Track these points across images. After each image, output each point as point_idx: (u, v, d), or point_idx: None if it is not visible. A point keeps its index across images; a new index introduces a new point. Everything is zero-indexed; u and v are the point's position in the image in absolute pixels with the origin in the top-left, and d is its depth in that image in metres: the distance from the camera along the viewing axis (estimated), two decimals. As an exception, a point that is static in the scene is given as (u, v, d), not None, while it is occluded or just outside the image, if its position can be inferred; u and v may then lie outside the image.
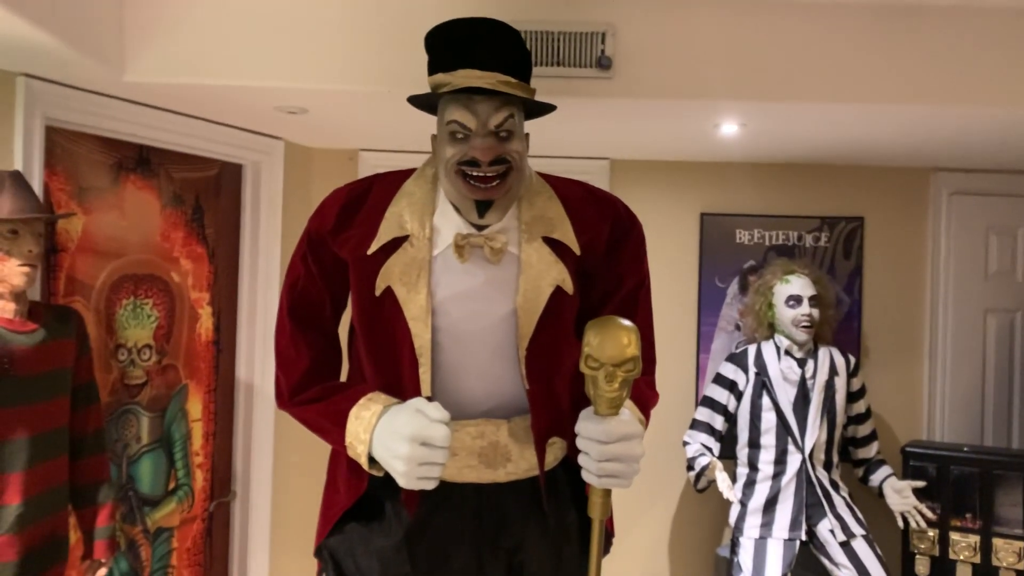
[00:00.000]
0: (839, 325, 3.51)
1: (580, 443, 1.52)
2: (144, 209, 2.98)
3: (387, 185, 1.71)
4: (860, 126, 2.92)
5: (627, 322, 1.48)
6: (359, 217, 1.67)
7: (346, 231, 1.67)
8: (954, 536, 3.20)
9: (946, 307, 3.67)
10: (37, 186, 2.49)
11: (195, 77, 2.54)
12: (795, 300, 3.15)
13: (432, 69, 1.61)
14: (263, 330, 3.35)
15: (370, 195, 1.70)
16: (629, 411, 1.56)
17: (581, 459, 1.52)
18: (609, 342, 1.45)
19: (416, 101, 1.65)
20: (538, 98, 1.65)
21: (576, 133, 3.13)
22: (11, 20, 2.00)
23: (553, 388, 1.68)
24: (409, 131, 3.03)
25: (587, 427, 1.50)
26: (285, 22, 2.53)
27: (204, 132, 3.07)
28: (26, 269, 2.12)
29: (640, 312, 1.76)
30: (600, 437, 1.48)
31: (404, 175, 1.73)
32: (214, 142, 3.14)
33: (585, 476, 1.53)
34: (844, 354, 3.28)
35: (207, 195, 3.22)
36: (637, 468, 1.51)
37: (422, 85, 1.63)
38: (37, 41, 2.16)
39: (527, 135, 1.67)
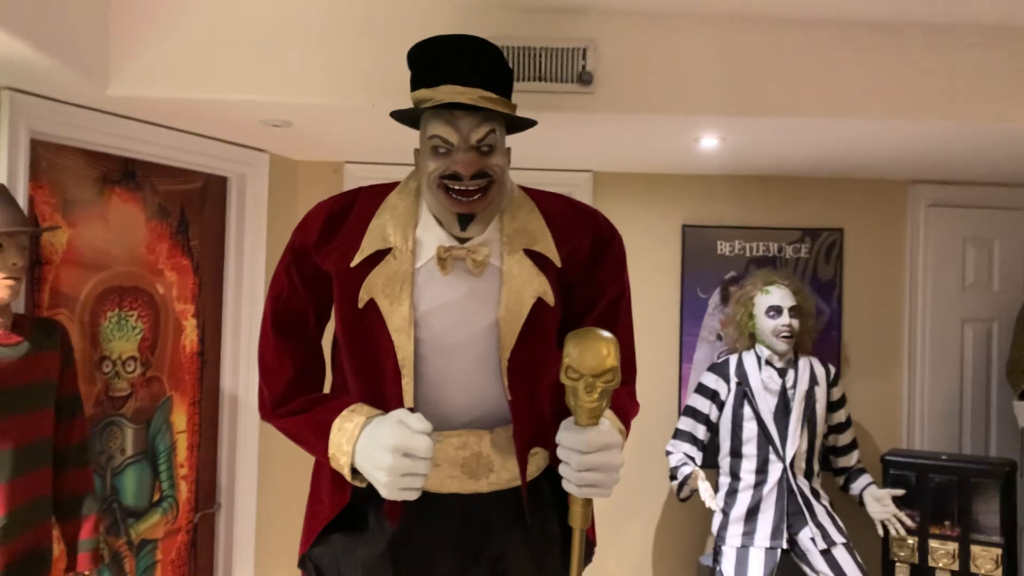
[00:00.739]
0: (819, 335, 3.55)
1: (560, 453, 1.54)
2: (129, 221, 2.98)
3: (371, 198, 1.73)
4: (838, 140, 2.96)
5: (606, 333, 1.51)
6: (343, 230, 1.69)
7: (330, 243, 1.69)
8: (933, 543, 3.24)
9: (924, 317, 3.72)
10: (22, 199, 2.49)
11: (180, 91, 2.55)
12: (775, 311, 3.19)
13: (415, 85, 1.64)
14: (248, 342, 3.35)
15: (354, 208, 1.72)
16: (609, 421, 1.58)
17: (562, 469, 1.55)
18: (589, 353, 1.47)
19: (399, 116, 1.68)
20: (521, 113, 1.68)
21: (559, 146, 3.16)
22: (-4, 34, 2.01)
23: (535, 399, 1.70)
24: (394, 143, 3.06)
25: (567, 437, 1.52)
26: (269, 36, 2.56)
27: (189, 145, 3.08)
28: (10, 282, 2.12)
29: (621, 323, 1.78)
30: (580, 447, 1.50)
31: (388, 188, 1.75)
32: (199, 155, 3.15)
33: (566, 486, 1.55)
34: (824, 364, 3.31)
35: (192, 207, 3.23)
36: (617, 477, 1.54)
37: (406, 98, 1.66)
38: (21, 55, 2.17)
39: (508, 149, 1.70)
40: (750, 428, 3.17)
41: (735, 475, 3.20)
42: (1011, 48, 2.66)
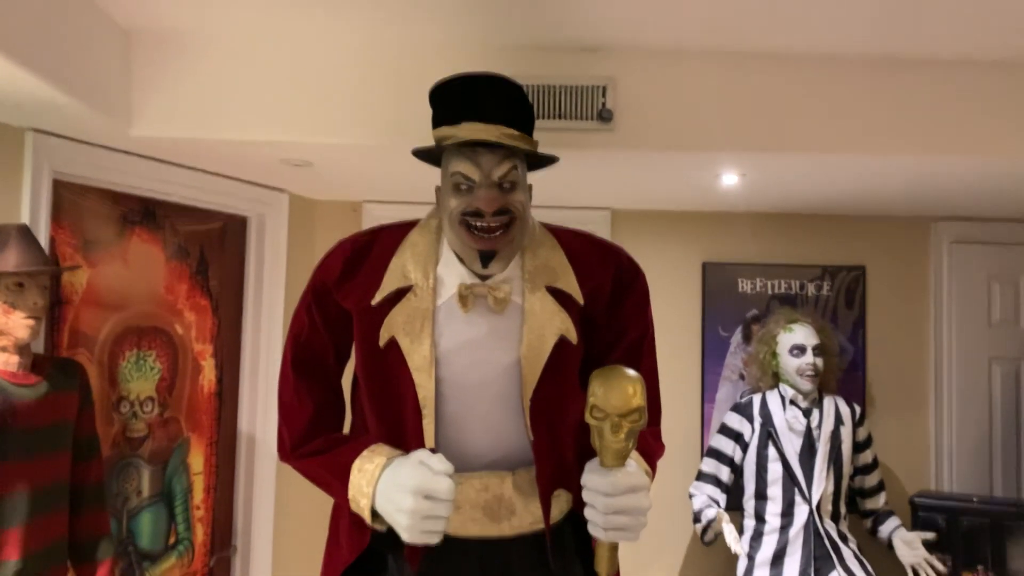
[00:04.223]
0: (843, 375, 3.49)
1: (586, 496, 1.50)
2: (149, 262, 2.99)
3: (391, 236, 1.72)
4: (859, 176, 2.94)
5: (632, 372, 1.48)
6: (364, 268, 1.68)
7: (350, 282, 1.68)
8: (966, 589, 3.15)
9: (950, 356, 3.66)
10: (43, 239, 2.51)
11: (201, 131, 2.57)
12: (799, 349, 3.15)
13: (436, 122, 1.63)
14: (265, 382, 3.34)
15: (374, 246, 1.71)
16: (635, 462, 1.54)
17: (587, 512, 1.51)
18: (614, 392, 1.44)
19: (420, 154, 1.67)
20: (541, 150, 1.67)
21: (578, 184, 3.16)
22: (21, 76, 2.04)
23: (558, 439, 1.67)
24: (412, 183, 3.06)
25: (593, 479, 1.49)
26: (290, 76, 2.58)
27: (209, 185, 3.10)
28: (31, 322, 2.12)
29: (645, 362, 1.75)
30: (606, 489, 1.46)
31: (408, 226, 1.74)
32: (219, 195, 3.17)
33: (591, 530, 1.51)
34: (849, 403, 3.26)
35: (211, 247, 3.24)
36: (644, 521, 1.50)
37: (425, 138, 1.66)
38: (46, 97, 2.20)
39: (530, 186, 1.69)
40: (775, 469, 3.10)
41: (760, 518, 3.13)
42: (1036, 83, 2.64)
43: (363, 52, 2.59)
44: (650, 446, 1.71)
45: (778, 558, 3.03)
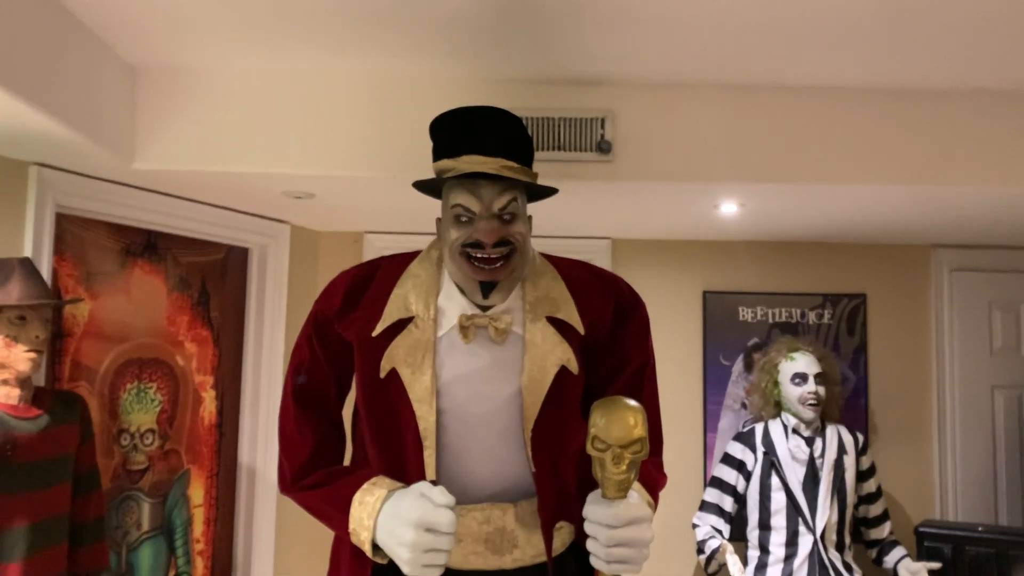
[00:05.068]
0: (846, 403, 3.48)
1: (588, 528, 1.49)
2: (151, 293, 3.00)
3: (392, 267, 1.73)
4: (858, 205, 2.96)
5: (633, 402, 1.47)
6: (365, 299, 1.69)
7: (352, 313, 1.68)
8: (973, 620, 3.12)
9: (953, 384, 3.65)
10: (46, 271, 2.52)
11: (204, 164, 2.59)
12: (800, 378, 3.14)
13: (437, 155, 1.65)
14: (266, 414, 3.33)
15: (375, 277, 1.71)
16: (637, 494, 1.54)
17: (589, 544, 1.49)
18: (616, 423, 1.43)
19: (421, 186, 1.68)
20: (541, 181, 1.68)
21: (578, 214, 3.17)
22: (26, 112, 2.06)
23: (560, 470, 1.66)
24: (413, 214, 3.08)
25: (595, 511, 1.48)
26: (291, 110, 2.60)
27: (211, 217, 3.11)
28: (32, 355, 2.12)
29: (646, 392, 1.74)
30: (609, 521, 1.45)
31: (409, 257, 1.75)
32: (221, 227, 3.18)
33: (594, 562, 1.50)
34: (852, 432, 3.24)
35: (213, 279, 3.25)
36: (647, 553, 1.48)
37: (426, 170, 1.67)
38: (51, 132, 2.22)
39: (530, 217, 1.69)
40: (778, 499, 3.08)
41: (764, 548, 3.10)
42: (1029, 112, 2.67)
43: (364, 86, 2.62)
44: (652, 477, 1.70)
45: (783, 589, 3.01)
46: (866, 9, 2.14)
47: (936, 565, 3.12)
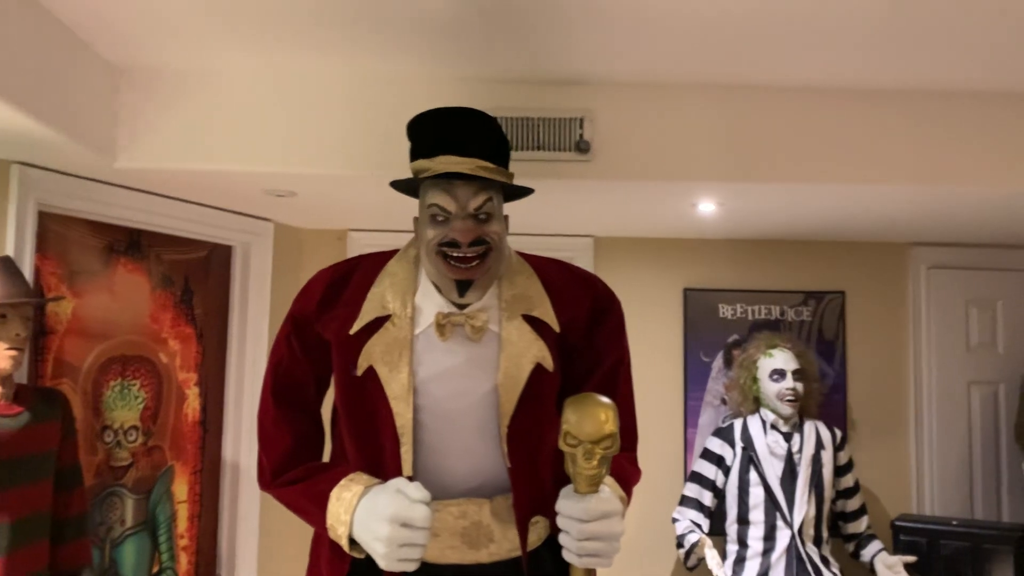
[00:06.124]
0: (824, 399, 3.52)
1: (560, 522, 1.52)
2: (134, 291, 3.01)
3: (371, 266, 1.75)
4: (836, 204, 2.99)
5: (605, 399, 1.50)
6: (343, 298, 1.70)
7: (330, 311, 1.70)
8: (948, 612, 3.17)
9: (930, 380, 3.70)
10: (28, 270, 2.52)
11: (186, 162, 2.60)
12: (779, 374, 3.18)
13: (414, 155, 1.67)
14: (250, 410, 3.34)
15: (353, 276, 1.73)
16: (609, 488, 1.56)
17: (561, 538, 1.52)
18: (587, 419, 1.46)
19: (398, 186, 1.71)
20: (521, 180, 1.70)
21: (560, 212, 3.20)
22: (7, 111, 2.07)
23: (535, 466, 1.69)
24: (397, 211, 3.09)
25: (567, 505, 1.50)
26: (273, 109, 2.62)
27: (194, 215, 3.12)
28: (13, 353, 2.13)
29: (621, 389, 1.77)
30: (580, 515, 1.47)
31: (387, 256, 1.77)
32: (204, 224, 3.19)
33: (566, 556, 1.52)
34: (830, 428, 3.28)
35: (196, 276, 3.26)
36: (617, 547, 1.51)
37: (406, 168, 1.69)
38: (32, 130, 2.23)
39: (506, 216, 1.72)
40: (756, 494, 3.12)
41: (743, 542, 3.14)
42: (1007, 113, 2.70)
43: (345, 85, 2.64)
44: (626, 471, 1.73)
45: (761, 583, 3.05)
46: (835, 9, 2.17)
47: (912, 558, 3.16)
